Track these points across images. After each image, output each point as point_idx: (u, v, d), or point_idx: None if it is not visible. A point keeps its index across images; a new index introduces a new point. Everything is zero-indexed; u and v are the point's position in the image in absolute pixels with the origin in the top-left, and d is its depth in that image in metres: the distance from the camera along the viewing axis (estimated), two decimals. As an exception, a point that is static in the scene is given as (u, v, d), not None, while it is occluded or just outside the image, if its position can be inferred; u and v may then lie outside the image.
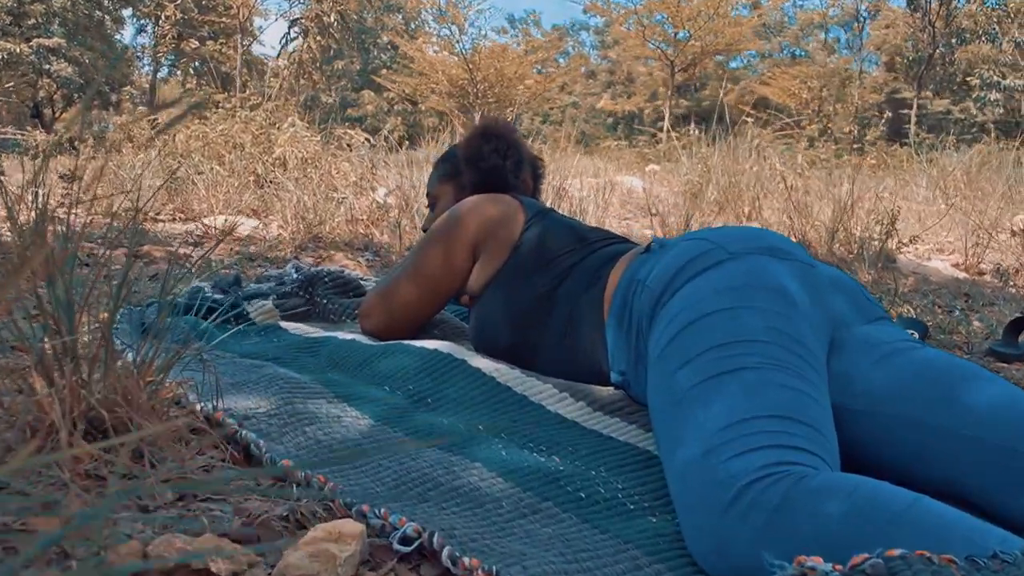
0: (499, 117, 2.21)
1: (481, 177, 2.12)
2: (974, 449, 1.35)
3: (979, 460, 1.35)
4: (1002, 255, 4.32)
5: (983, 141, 10.18)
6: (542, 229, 1.95)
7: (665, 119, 15.53)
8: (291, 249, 3.53)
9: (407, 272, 2.05)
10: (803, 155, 6.53)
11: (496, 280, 1.93)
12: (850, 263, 3.70)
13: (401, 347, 1.86)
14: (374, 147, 6.03)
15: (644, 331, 1.58)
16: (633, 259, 1.75)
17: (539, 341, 1.85)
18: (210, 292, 2.35)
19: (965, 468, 1.38)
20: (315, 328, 2.22)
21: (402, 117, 27.77)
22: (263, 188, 4.90)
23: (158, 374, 1.44)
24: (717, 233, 1.63)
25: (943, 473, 1.40)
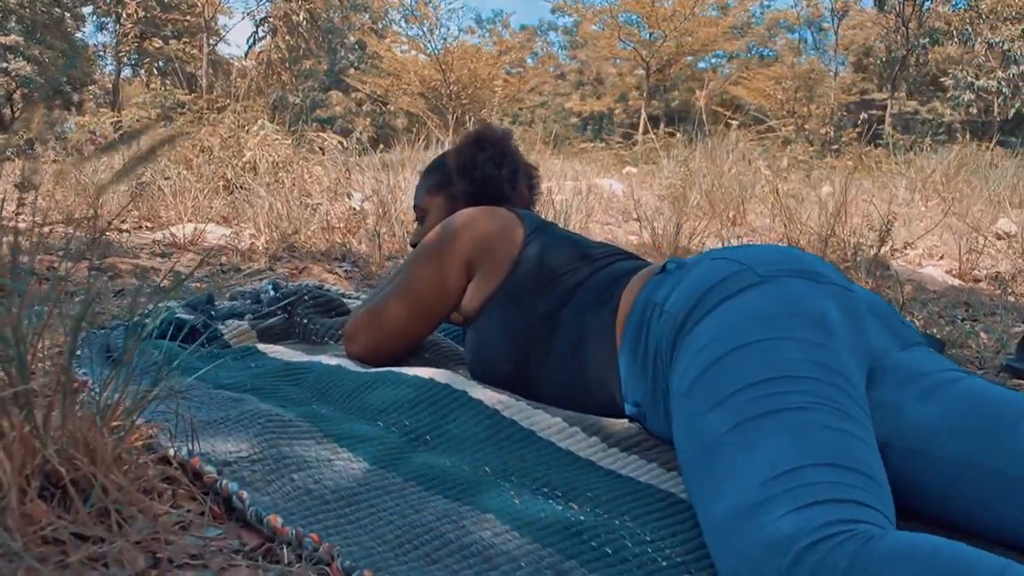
0: (493, 124, 2.05)
1: (475, 188, 1.97)
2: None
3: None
4: (992, 260, 4.24)
5: (957, 142, 10.20)
6: (543, 245, 1.80)
7: (641, 120, 15.44)
8: (265, 259, 3.35)
9: (396, 291, 1.90)
10: (787, 158, 6.44)
11: (494, 300, 1.78)
12: (845, 271, 3.59)
13: (393, 376, 1.70)
14: (346, 150, 5.86)
15: (664, 360, 1.44)
16: (647, 279, 1.61)
17: (542, 367, 1.71)
18: (182, 312, 2.18)
19: (1020, 513, 1.25)
20: (296, 351, 2.06)
21: (371, 118, 27.58)
22: (233, 194, 4.70)
23: (126, 416, 1.27)
24: (742, 253, 1.50)
25: (995, 516, 1.28)
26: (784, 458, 1.10)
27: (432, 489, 1.30)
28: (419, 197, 2.10)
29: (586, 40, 33.54)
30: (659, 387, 1.47)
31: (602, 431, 1.54)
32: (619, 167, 9.16)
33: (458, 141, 2.03)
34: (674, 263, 1.59)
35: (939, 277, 3.84)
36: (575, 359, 1.65)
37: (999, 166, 8.48)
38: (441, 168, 2.06)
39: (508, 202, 1.99)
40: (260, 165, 4.94)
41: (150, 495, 1.25)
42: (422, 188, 2.09)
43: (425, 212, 2.07)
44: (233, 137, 5.10)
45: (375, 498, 1.26)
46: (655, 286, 1.56)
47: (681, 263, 1.57)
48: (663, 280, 1.55)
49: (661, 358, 1.46)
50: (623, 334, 1.57)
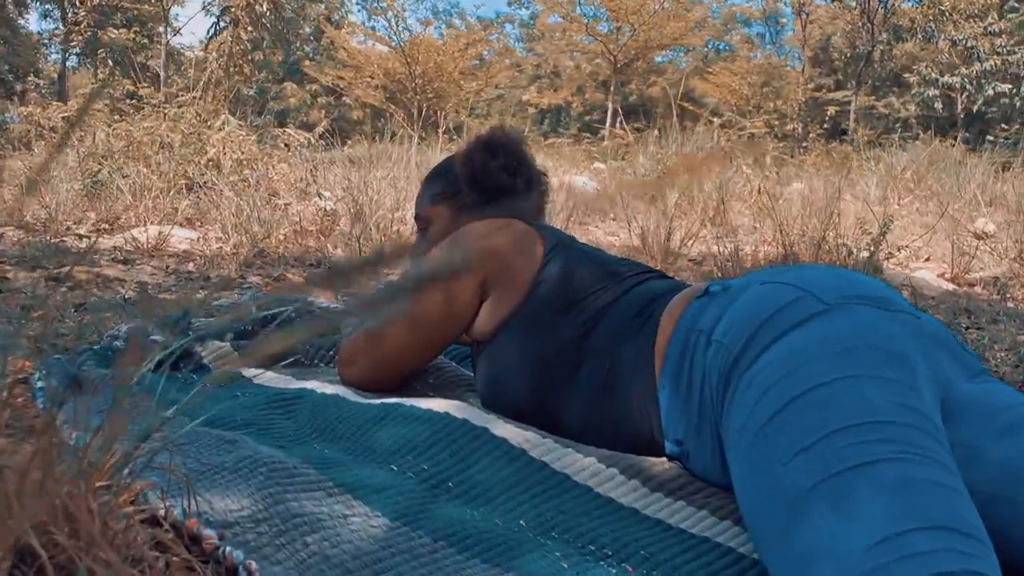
0: (504, 127, 1.88)
1: (487, 198, 1.80)
2: None
3: None
4: (980, 262, 4.17)
5: (918, 137, 10.24)
6: (565, 262, 1.64)
7: (608, 115, 15.34)
8: (235, 267, 3.15)
9: (399, 312, 1.72)
10: (771, 156, 6.35)
11: (511, 323, 1.62)
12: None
13: (403, 410, 1.53)
14: (312, 146, 5.64)
15: (715, 395, 1.30)
16: (687, 303, 1.46)
17: (567, 398, 1.55)
18: (154, 332, 1.98)
19: None
20: (284, 375, 1.87)
21: (326, 110, 27.21)
22: (195, 193, 4.47)
23: (113, 474, 1.08)
24: (797, 276, 1.35)
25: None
26: (885, 522, 0.96)
27: (467, 551, 1.14)
28: (421, 206, 1.92)
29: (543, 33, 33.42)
30: (706, 424, 1.33)
31: (642, 473, 1.39)
32: (587, 163, 9.04)
33: (466, 145, 1.86)
34: (717, 286, 1.44)
35: (932, 281, 3.76)
36: (607, 390, 1.49)
37: (965, 163, 8.50)
38: (446, 175, 1.89)
39: (522, 213, 1.82)
40: (224, 162, 4.71)
41: (139, 566, 1.07)
42: (424, 196, 1.92)
43: (427, 222, 1.90)
44: (195, 133, 4.86)
45: (403, 563, 1.09)
46: (697, 311, 1.41)
47: (726, 286, 1.43)
48: (706, 305, 1.41)
49: (711, 392, 1.31)
50: (663, 364, 1.42)
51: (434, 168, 1.95)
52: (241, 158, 4.76)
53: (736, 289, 1.39)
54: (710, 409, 1.32)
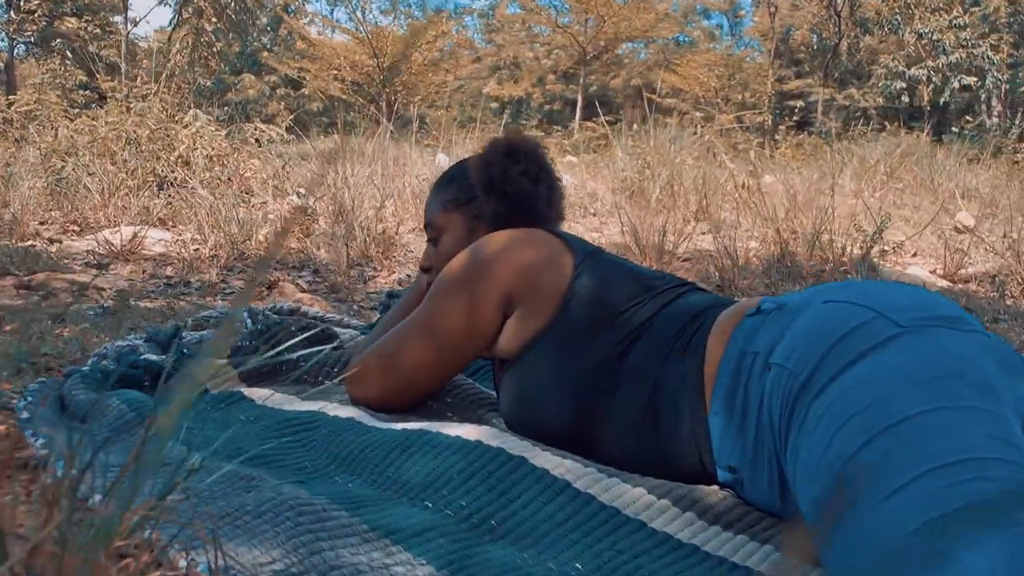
0: (522, 132, 1.77)
1: (508, 207, 1.68)
2: None
3: None
4: (970, 257, 4.13)
5: (886, 129, 10.27)
6: (598, 275, 1.53)
7: (578, 107, 15.22)
8: (216, 271, 3.00)
9: (416, 328, 1.60)
10: (754, 150, 6.28)
11: (541, 342, 1.51)
12: (839, 276, 3.42)
13: (430, 438, 1.41)
14: (283, 140, 5.46)
15: (776, 423, 1.20)
16: (738, 321, 1.36)
17: (606, 422, 1.44)
18: (147, 350, 1.84)
19: None
20: (289, 396, 1.74)
21: (285, 102, 26.87)
22: (165, 191, 4.29)
23: (131, 532, 0.96)
24: (863, 294, 1.25)
25: None
26: (998, 571, 0.87)
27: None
28: (432, 212, 1.79)
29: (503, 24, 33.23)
30: (764, 452, 1.24)
31: (696, 504, 1.29)
32: (559, 156, 8.92)
33: (483, 149, 1.74)
34: (770, 303, 1.34)
35: (926, 278, 3.71)
36: (651, 414, 1.39)
37: (935, 156, 8.53)
38: (459, 180, 1.76)
39: (545, 223, 1.71)
40: (194, 159, 4.52)
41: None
42: (435, 202, 1.79)
43: (439, 231, 1.77)
44: (162, 128, 4.67)
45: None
46: (751, 331, 1.31)
47: (780, 303, 1.32)
48: (759, 324, 1.31)
49: (771, 419, 1.21)
50: (714, 387, 1.32)
51: (445, 173, 1.82)
52: (211, 154, 4.58)
53: (793, 307, 1.30)
54: (769, 436, 1.23)
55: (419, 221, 4.20)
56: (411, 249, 3.69)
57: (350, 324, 2.28)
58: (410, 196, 4.56)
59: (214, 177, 4.32)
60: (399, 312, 1.83)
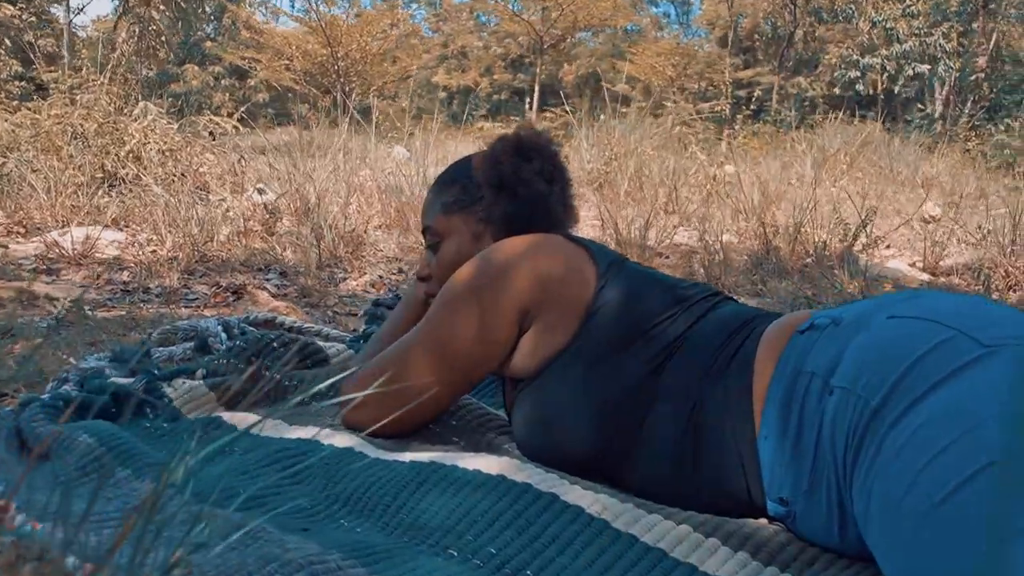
0: (534, 126, 1.61)
1: (520, 209, 1.53)
2: None
3: None
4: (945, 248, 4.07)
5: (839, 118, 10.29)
6: (625, 285, 1.39)
7: (534, 97, 15.05)
8: (177, 275, 2.80)
9: (423, 345, 1.45)
10: (725, 142, 6.19)
11: (563, 359, 1.37)
12: (825, 271, 3.33)
13: (445, 471, 1.26)
14: (238, 133, 5.24)
15: (840, 452, 1.08)
16: (788, 338, 1.23)
17: (637, 449, 1.31)
18: (114, 371, 1.66)
19: None
20: (272, 420, 1.58)
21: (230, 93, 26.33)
22: (116, 188, 4.05)
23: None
24: (933, 308, 1.14)
25: None
26: None
27: None
28: (430, 216, 1.63)
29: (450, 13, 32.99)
30: (822, 482, 1.11)
31: (748, 542, 1.16)
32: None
33: (490, 146, 1.58)
34: (824, 318, 1.22)
35: (908, 272, 3.65)
36: (691, 440, 1.26)
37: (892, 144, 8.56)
38: (462, 180, 1.60)
39: (560, 227, 1.56)
40: (145, 155, 4.28)
41: None
42: (435, 204, 1.63)
43: (440, 237, 1.61)
44: (110, 122, 4.42)
45: None
46: (804, 348, 1.19)
47: (835, 318, 1.20)
48: (813, 341, 1.19)
49: (832, 447, 1.10)
50: (764, 410, 1.20)
51: (445, 172, 1.66)
52: (164, 148, 4.35)
53: (851, 323, 1.17)
54: (830, 466, 1.11)
55: (386, 218, 4.04)
56: (380, 248, 3.52)
57: (330, 335, 2.12)
58: (374, 191, 4.38)
59: (167, 173, 4.09)
60: (395, 326, 1.67)
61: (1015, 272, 3.27)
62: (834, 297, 2.93)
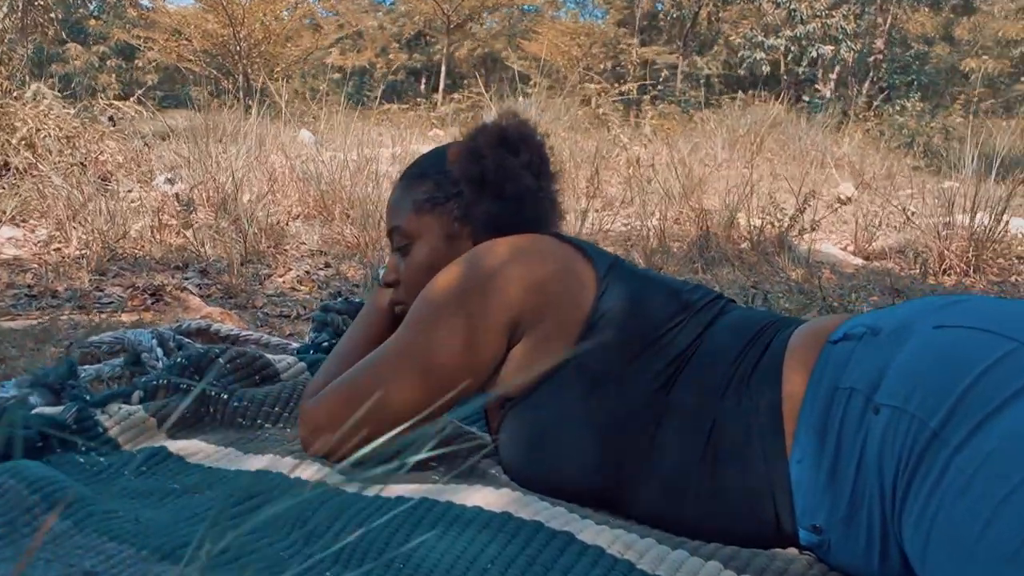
0: (517, 114, 1.46)
1: (505, 208, 1.38)
2: None
3: None
4: (855, 229, 4.08)
5: (740, 98, 10.42)
6: (627, 291, 1.27)
7: (441, 78, 14.78)
8: (88, 276, 2.56)
9: (400, 361, 1.29)
10: (650, 124, 6.13)
11: (561, 375, 1.24)
12: (762, 257, 3.29)
13: (440, 510, 1.12)
14: (138, 117, 4.90)
15: (887, 477, 1.00)
16: (819, 349, 1.14)
17: (646, 473, 1.20)
18: (37, 399, 1.45)
19: None
20: (222, 447, 1.41)
21: (116, 74, 25.14)
22: (8, 179, 3.71)
23: None
24: (981, 316, 1.06)
25: None
26: None
27: None
28: (399, 215, 1.46)
29: (345, -9, 32.24)
30: (862, 509, 1.02)
31: (777, 574, 1.06)
32: (425, 129, 8.56)
33: (468, 137, 1.42)
34: (859, 327, 1.12)
35: (841, 256, 3.65)
36: (710, 462, 1.15)
37: (789, 125, 8.68)
38: (435, 175, 1.44)
39: (547, 227, 1.43)
40: (40, 142, 3.94)
41: None
42: (404, 202, 1.46)
43: (410, 239, 1.44)
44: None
45: None
46: (840, 361, 1.10)
47: (872, 327, 1.11)
48: (849, 353, 1.10)
49: (879, 472, 1.00)
50: (796, 429, 1.10)
51: (414, 166, 1.50)
52: (61, 135, 4.01)
53: (891, 333, 1.08)
54: (875, 491, 1.02)
55: (305, 207, 3.82)
56: (303, 241, 3.32)
57: (271, 343, 1.94)
58: (289, 179, 4.16)
59: (65, 162, 3.78)
60: (359, 338, 1.50)
61: (950, 256, 3.30)
62: (778, 285, 2.89)
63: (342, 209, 3.58)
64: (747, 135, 7.30)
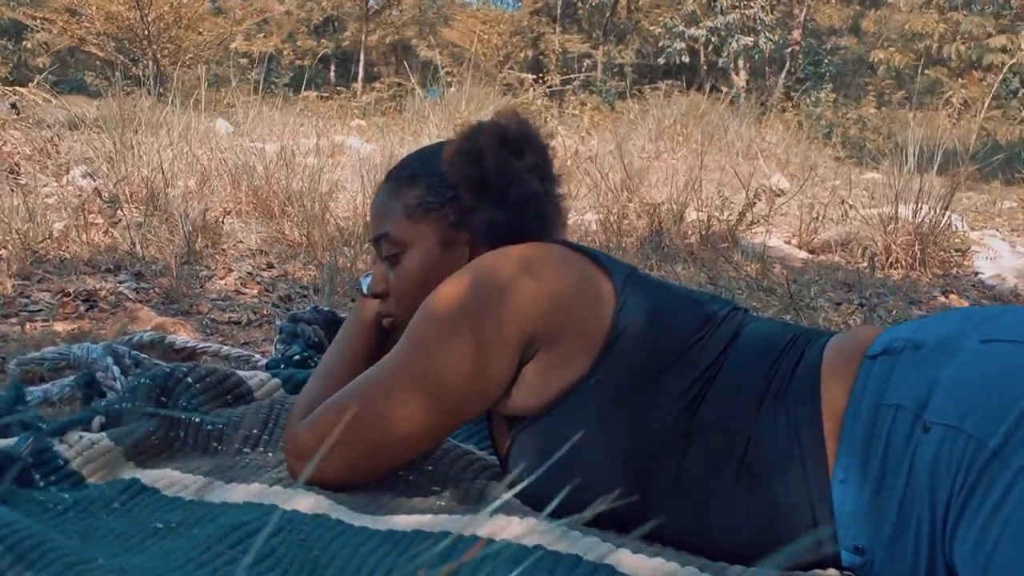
0: (516, 112, 1.37)
1: (509, 215, 1.28)
2: None
3: None
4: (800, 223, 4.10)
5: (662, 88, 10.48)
6: (648, 303, 1.19)
7: (360, 65, 14.45)
8: (10, 281, 2.35)
9: (404, 380, 1.19)
10: (586, 116, 6.07)
11: (579, 394, 1.16)
12: (711, 252, 3.26)
13: (465, 543, 1.03)
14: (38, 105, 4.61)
15: (939, 497, 0.96)
16: (857, 364, 1.09)
17: (675, 495, 1.13)
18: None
19: None
20: (199, 476, 1.28)
21: (2, 56, 24.01)
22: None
23: None
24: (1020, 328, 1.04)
25: None
26: None
27: None
28: (388, 221, 1.34)
29: (249, -27, 31.51)
30: (909, 527, 0.99)
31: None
32: (345, 120, 8.34)
33: (464, 137, 1.31)
34: (899, 341, 1.08)
35: (786, 249, 3.66)
36: (745, 482, 1.09)
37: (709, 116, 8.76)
38: (427, 177, 1.33)
39: (552, 234, 1.34)
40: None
41: None
42: (392, 208, 1.34)
43: (401, 247, 1.33)
44: None
45: None
46: (882, 377, 1.06)
47: (914, 341, 1.07)
48: (891, 367, 1.06)
49: (931, 491, 0.97)
50: (839, 447, 1.05)
51: (401, 168, 1.38)
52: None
53: (936, 347, 1.04)
54: (925, 511, 0.99)
55: (237, 203, 3.63)
56: (241, 239, 3.15)
57: (231, 356, 1.80)
58: (214, 172, 3.96)
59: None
60: (344, 354, 1.39)
61: (896, 249, 3.34)
62: (735, 281, 2.87)
63: (280, 205, 3.42)
64: (674, 126, 7.33)
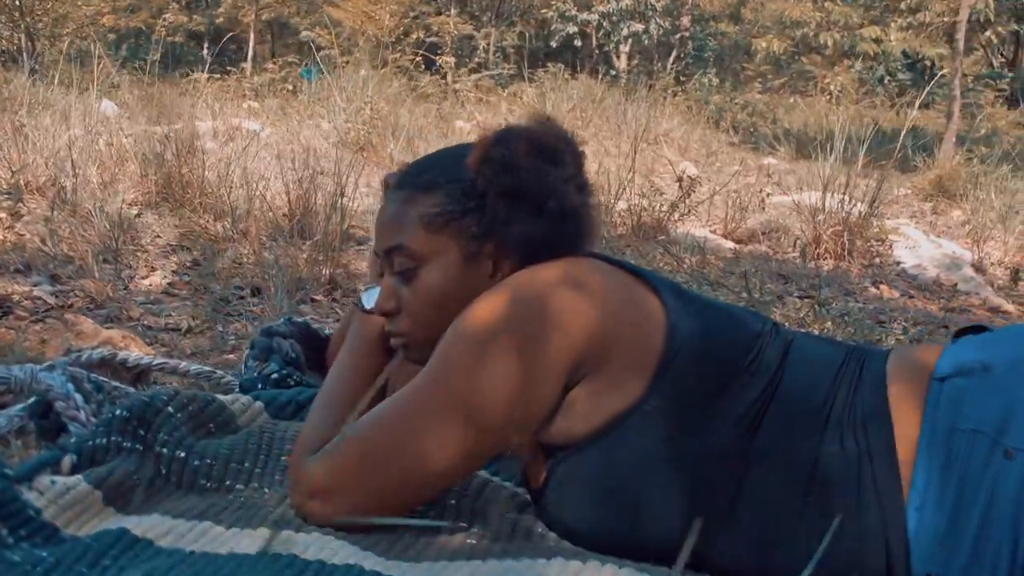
0: (548, 117, 1.26)
1: (548, 229, 1.17)
2: None
3: None
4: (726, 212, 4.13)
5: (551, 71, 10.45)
6: (700, 323, 1.13)
7: (250, 45, 13.84)
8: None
9: (437, 407, 1.08)
10: (473, 92, 5.93)
11: (634, 422, 1.09)
12: (638, 244, 3.22)
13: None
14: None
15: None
16: (925, 387, 1.05)
17: (732, 527, 1.07)
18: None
19: None
20: (194, 521, 1.14)
21: None
22: None
23: None
24: None
25: None
26: None
27: None
28: (403, 232, 1.20)
29: (114, -57, 30.03)
30: (986, 555, 0.98)
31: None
32: (238, 102, 7.96)
33: (492, 141, 1.19)
34: (969, 363, 1.05)
35: (713, 239, 3.66)
36: (815, 513, 1.04)
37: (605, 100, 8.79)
38: (447, 184, 1.20)
39: (586, 247, 1.24)
40: None
41: None
42: (407, 217, 1.21)
43: (418, 261, 1.20)
44: None
45: None
46: (953, 400, 1.04)
47: (984, 364, 1.04)
48: (962, 391, 1.04)
49: (1016, 518, 0.96)
50: (913, 472, 1.02)
51: (415, 173, 1.25)
52: None
53: (1008, 370, 1.03)
54: (1007, 539, 1.00)
55: (144, 192, 3.38)
56: (159, 234, 2.92)
57: (190, 372, 1.64)
58: (116, 160, 3.68)
59: None
60: (351, 379, 1.26)
61: (826, 240, 3.39)
62: (672, 275, 2.84)
63: (197, 195, 3.20)
64: (574, 110, 7.31)
